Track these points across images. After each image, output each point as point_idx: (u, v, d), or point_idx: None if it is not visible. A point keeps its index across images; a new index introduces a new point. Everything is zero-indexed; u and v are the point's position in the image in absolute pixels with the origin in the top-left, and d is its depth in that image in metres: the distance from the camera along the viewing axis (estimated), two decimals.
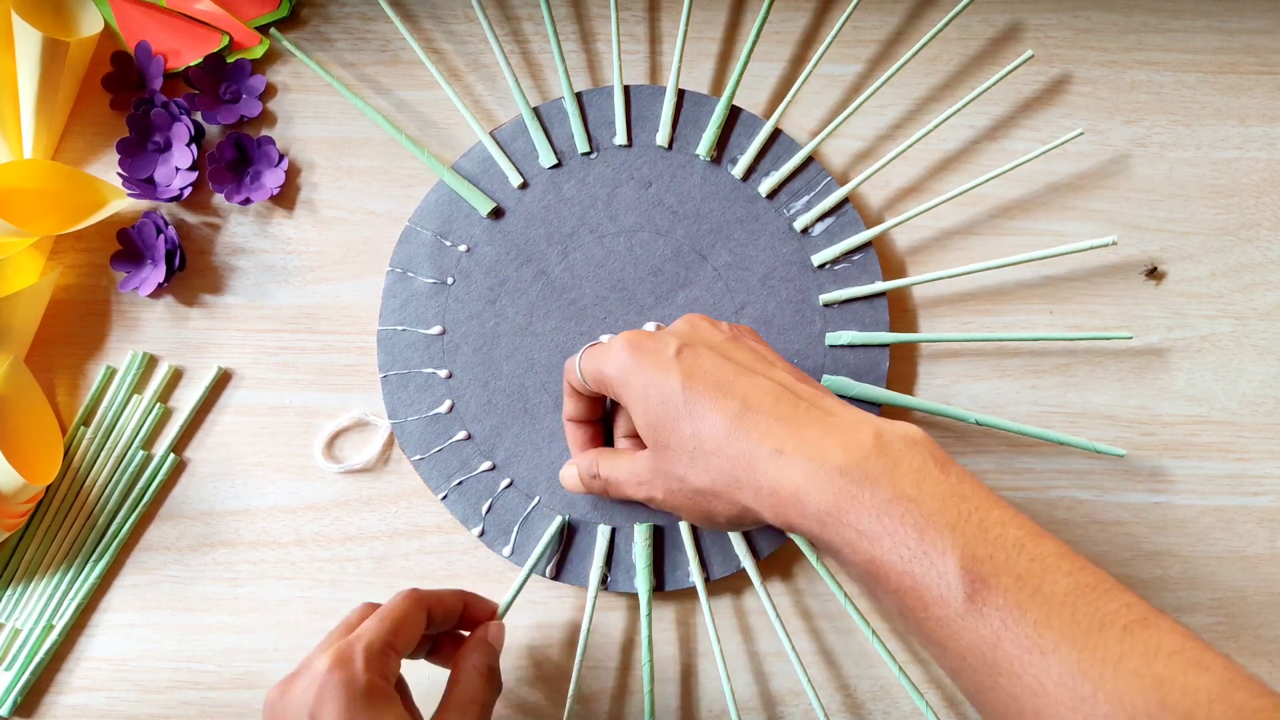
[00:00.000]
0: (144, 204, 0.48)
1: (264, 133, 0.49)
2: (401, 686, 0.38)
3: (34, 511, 0.46)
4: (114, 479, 0.46)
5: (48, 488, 0.46)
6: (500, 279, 0.47)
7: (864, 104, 0.47)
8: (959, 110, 0.47)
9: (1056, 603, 0.27)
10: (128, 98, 0.48)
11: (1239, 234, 0.49)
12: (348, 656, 0.33)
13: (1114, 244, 0.44)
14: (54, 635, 0.45)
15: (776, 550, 0.46)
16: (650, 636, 0.44)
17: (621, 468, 0.39)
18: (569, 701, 0.43)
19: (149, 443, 0.47)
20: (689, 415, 0.34)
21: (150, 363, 0.47)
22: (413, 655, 0.39)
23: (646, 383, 0.35)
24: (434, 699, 0.37)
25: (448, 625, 0.39)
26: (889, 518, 0.29)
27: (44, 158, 0.48)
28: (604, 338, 0.38)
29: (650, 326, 0.41)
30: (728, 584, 0.46)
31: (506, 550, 0.46)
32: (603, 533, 0.45)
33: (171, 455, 0.46)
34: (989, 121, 0.50)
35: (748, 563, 0.45)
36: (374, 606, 0.38)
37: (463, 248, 0.47)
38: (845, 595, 0.44)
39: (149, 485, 0.46)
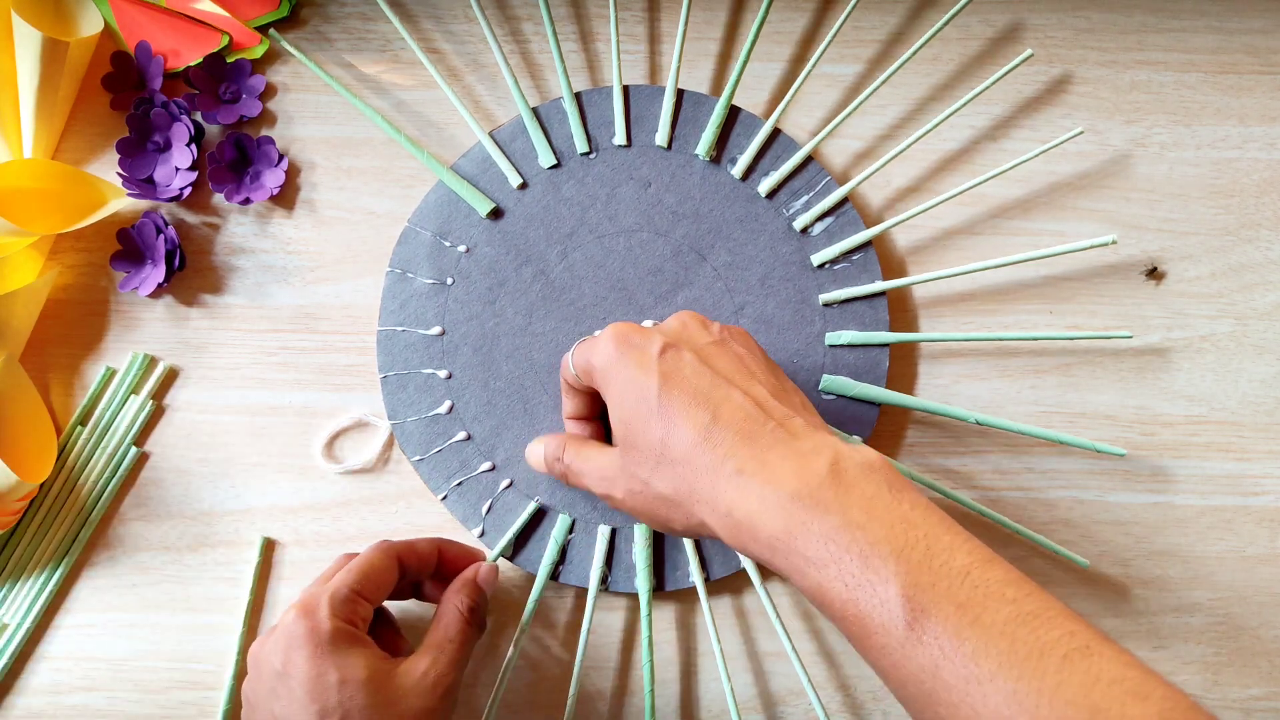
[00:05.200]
0: (144, 204, 0.48)
1: (264, 133, 0.49)
2: (387, 629, 0.41)
3: (27, 509, 0.46)
4: (107, 477, 0.46)
5: (41, 485, 0.46)
6: (500, 279, 0.47)
7: (864, 104, 0.47)
8: (958, 110, 0.47)
9: (995, 631, 0.27)
10: (128, 98, 0.48)
11: (1239, 234, 0.49)
12: (312, 606, 0.36)
13: (1114, 243, 0.44)
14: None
15: None
16: (650, 636, 0.44)
17: (589, 459, 0.39)
18: (569, 701, 0.43)
19: (141, 440, 0.47)
20: (661, 420, 0.34)
21: (150, 364, 0.47)
22: (400, 597, 0.43)
23: (625, 379, 0.35)
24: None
25: (425, 572, 0.41)
26: (835, 545, 0.30)
27: (44, 157, 0.48)
28: (598, 333, 0.38)
29: (648, 325, 0.41)
30: (728, 584, 0.46)
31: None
32: (603, 533, 0.45)
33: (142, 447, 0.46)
34: (989, 121, 0.50)
35: (748, 563, 0.45)
36: (352, 556, 0.40)
37: (462, 248, 0.47)
38: None
39: (129, 481, 0.46)
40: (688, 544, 0.45)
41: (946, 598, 0.28)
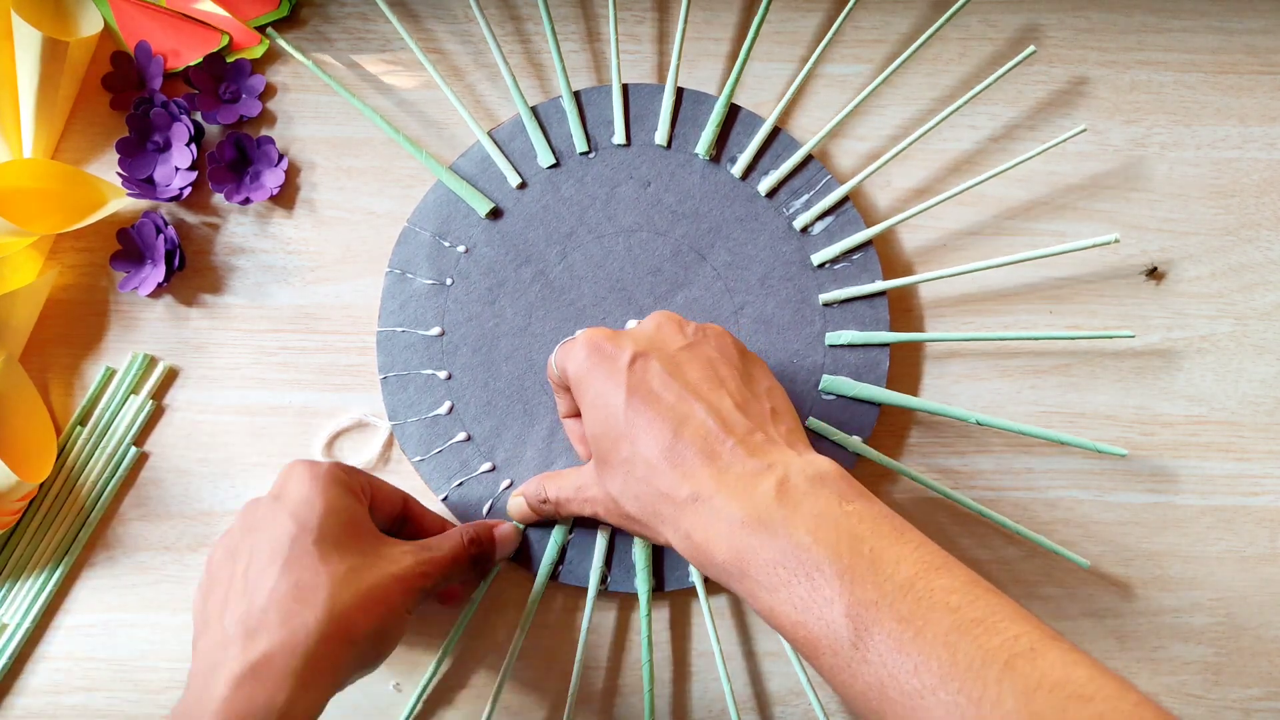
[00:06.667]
0: (144, 204, 0.48)
1: (264, 132, 0.49)
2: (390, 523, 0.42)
3: (27, 509, 0.46)
4: (107, 477, 0.46)
5: (41, 485, 0.46)
6: (499, 280, 0.47)
7: (865, 104, 0.47)
8: (958, 109, 0.46)
9: (937, 643, 0.27)
10: (128, 97, 0.48)
11: (1239, 234, 0.49)
12: (316, 459, 0.39)
13: (1116, 242, 0.43)
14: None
15: None
16: (650, 636, 0.44)
17: (567, 485, 0.40)
18: (569, 701, 0.43)
19: (140, 440, 0.47)
20: (627, 436, 0.34)
21: (150, 364, 0.47)
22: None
23: (595, 391, 0.35)
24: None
25: (391, 510, 0.42)
26: (783, 569, 0.30)
27: (44, 157, 0.48)
28: (578, 333, 0.38)
29: (632, 324, 0.41)
30: None
31: None
32: (603, 533, 0.45)
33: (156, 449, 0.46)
34: (990, 122, 0.50)
35: None
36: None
37: (461, 248, 0.47)
38: None
39: (129, 481, 0.46)
40: None
41: (889, 613, 0.28)
